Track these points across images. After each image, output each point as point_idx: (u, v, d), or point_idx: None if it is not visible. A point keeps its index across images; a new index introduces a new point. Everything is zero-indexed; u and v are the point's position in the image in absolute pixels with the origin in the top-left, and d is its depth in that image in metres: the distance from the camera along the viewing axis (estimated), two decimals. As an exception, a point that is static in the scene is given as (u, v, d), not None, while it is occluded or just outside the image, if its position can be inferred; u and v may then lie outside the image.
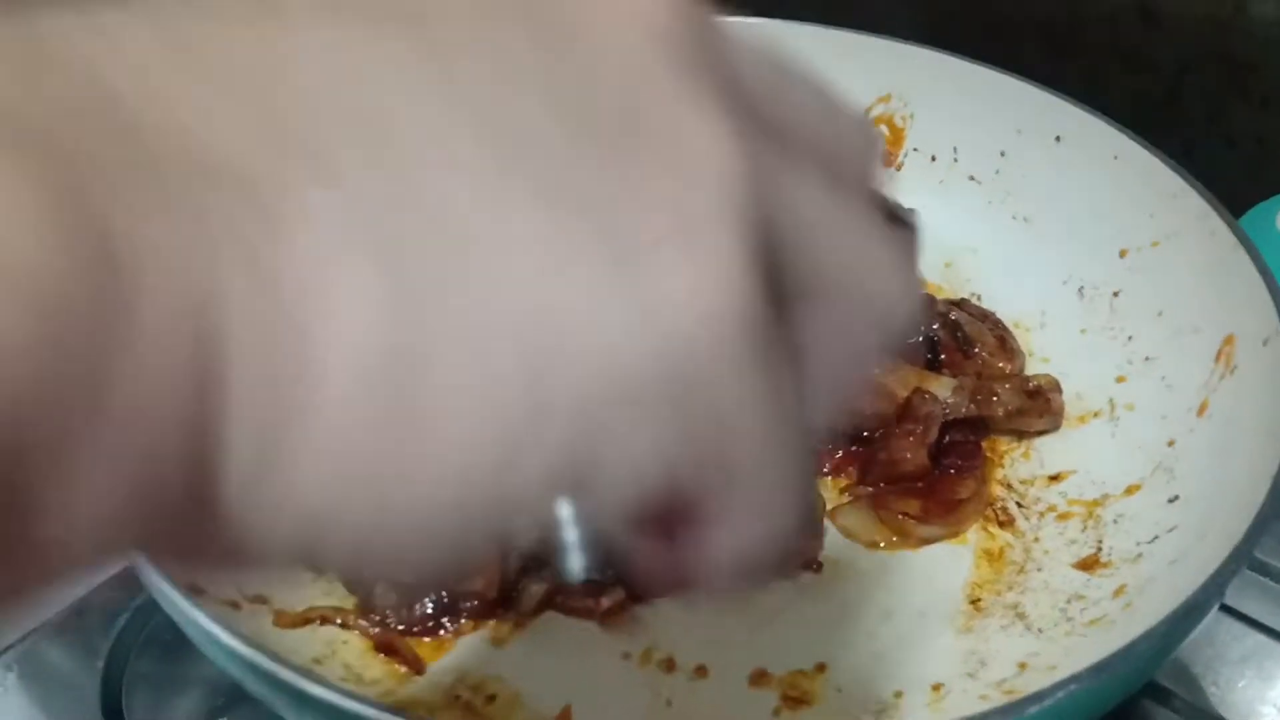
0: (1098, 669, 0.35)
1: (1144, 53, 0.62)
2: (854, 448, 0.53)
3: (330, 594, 0.49)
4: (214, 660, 0.41)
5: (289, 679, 0.36)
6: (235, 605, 0.46)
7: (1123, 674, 0.36)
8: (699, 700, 0.46)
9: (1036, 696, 0.34)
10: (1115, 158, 0.56)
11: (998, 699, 0.44)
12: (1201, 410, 0.49)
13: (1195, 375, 0.50)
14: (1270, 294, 0.47)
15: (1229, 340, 0.49)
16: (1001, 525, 0.52)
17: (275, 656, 0.36)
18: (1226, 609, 0.53)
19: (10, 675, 0.52)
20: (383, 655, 0.47)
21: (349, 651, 0.48)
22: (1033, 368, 0.58)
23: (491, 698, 0.46)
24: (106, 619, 0.54)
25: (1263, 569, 0.56)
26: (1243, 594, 0.54)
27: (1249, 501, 0.41)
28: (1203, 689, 0.51)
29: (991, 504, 0.53)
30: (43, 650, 0.53)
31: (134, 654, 0.53)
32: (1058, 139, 0.59)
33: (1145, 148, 0.55)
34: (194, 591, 0.43)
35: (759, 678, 0.46)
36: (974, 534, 0.52)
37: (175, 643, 0.53)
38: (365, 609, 0.48)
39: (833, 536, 0.52)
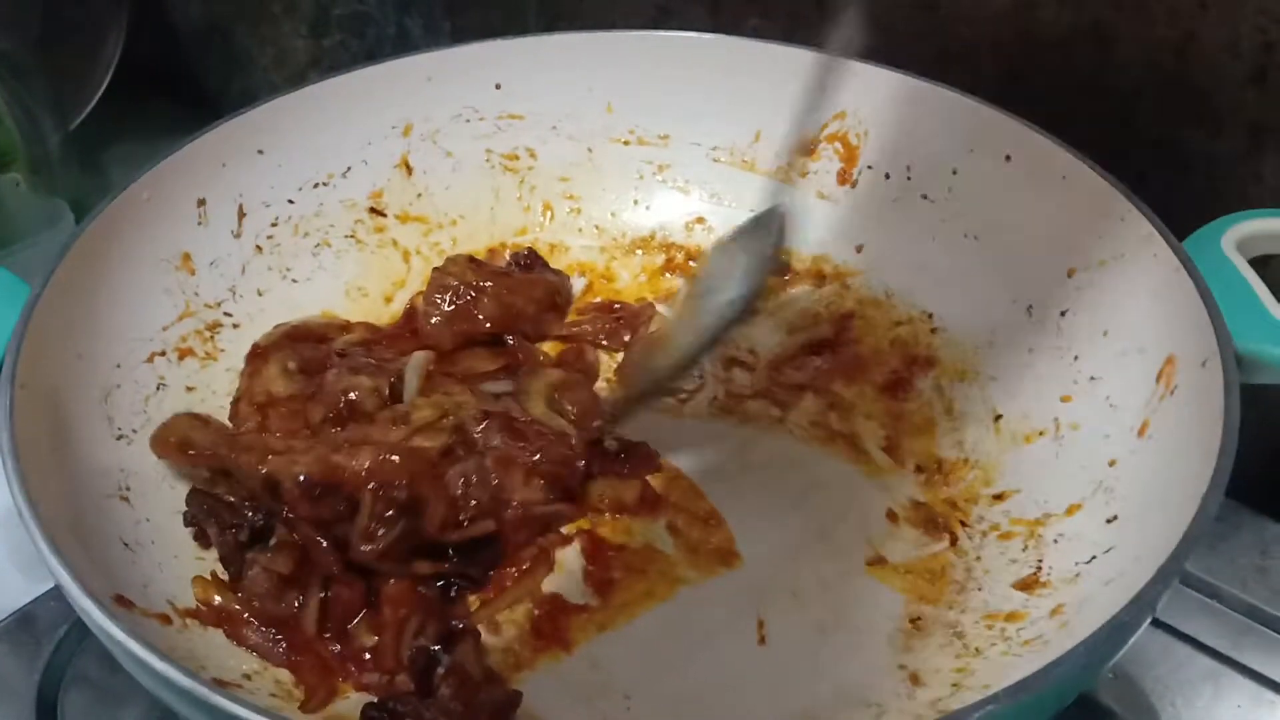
0: (1017, 688, 0.35)
1: (1098, 78, 0.62)
2: None
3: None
4: (136, 676, 0.40)
5: (203, 695, 0.36)
6: (166, 619, 0.46)
7: (1045, 693, 0.35)
8: None
9: (959, 714, 0.34)
10: (1064, 178, 0.56)
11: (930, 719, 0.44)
12: (1142, 430, 0.49)
13: (1137, 395, 0.50)
14: (1210, 316, 0.47)
15: (1170, 361, 0.49)
16: (949, 543, 0.52)
17: (190, 672, 0.36)
18: (1184, 636, 0.54)
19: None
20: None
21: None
22: (981, 386, 0.58)
23: None
24: (47, 629, 0.54)
25: (1213, 592, 0.56)
26: (1194, 618, 0.55)
27: (1181, 522, 0.41)
28: (1157, 712, 0.51)
29: (935, 522, 0.53)
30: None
31: (71, 666, 0.53)
32: (1008, 158, 0.59)
33: (1093, 169, 0.55)
34: (121, 604, 0.43)
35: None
36: (917, 553, 0.52)
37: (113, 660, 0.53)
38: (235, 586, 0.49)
39: (772, 555, 0.52)
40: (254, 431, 0.53)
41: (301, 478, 0.47)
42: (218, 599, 0.48)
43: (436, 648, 0.46)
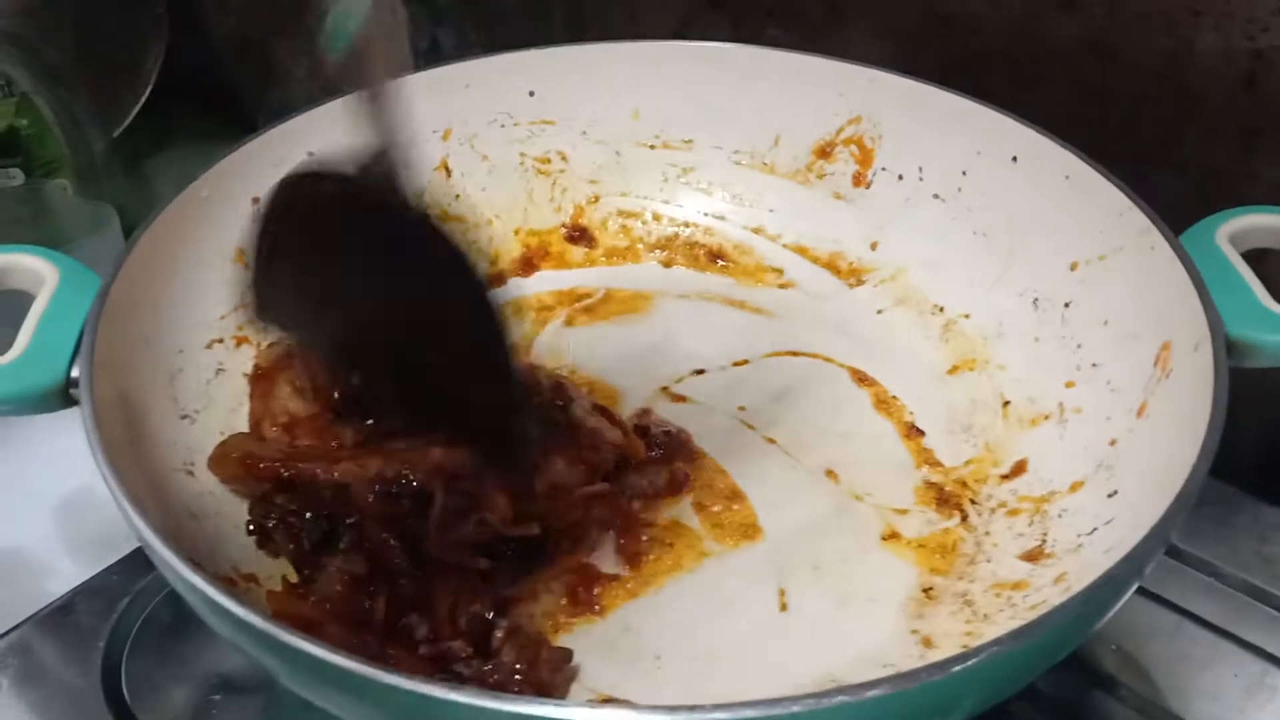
0: (1019, 633, 0.38)
1: (1100, 84, 0.65)
2: None
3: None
4: (219, 630, 0.43)
5: (294, 644, 0.38)
6: (232, 583, 0.50)
7: (1041, 640, 0.38)
8: (664, 680, 0.49)
9: (960, 657, 0.37)
10: (1067, 177, 0.59)
11: (941, 675, 0.47)
12: (1141, 411, 0.52)
13: (1136, 379, 0.53)
14: (1201, 303, 0.50)
15: (1166, 346, 0.52)
16: (960, 520, 0.55)
17: (268, 616, 0.39)
18: (1185, 612, 0.57)
19: (11, 662, 0.55)
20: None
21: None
22: (991, 375, 0.61)
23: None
24: (105, 605, 0.57)
25: (1213, 572, 0.59)
26: (1196, 597, 0.57)
27: (1173, 491, 0.44)
28: (1154, 681, 0.54)
29: (947, 500, 0.56)
30: (42, 634, 0.56)
31: (133, 638, 0.56)
32: (1014, 160, 0.62)
33: (1094, 167, 0.58)
34: (195, 566, 0.46)
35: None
36: (929, 529, 0.55)
37: (174, 627, 0.56)
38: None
39: (794, 531, 0.55)
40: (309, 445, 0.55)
41: (375, 479, 0.50)
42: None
43: (491, 614, 0.49)
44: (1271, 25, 0.58)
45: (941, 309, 0.65)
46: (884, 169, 0.68)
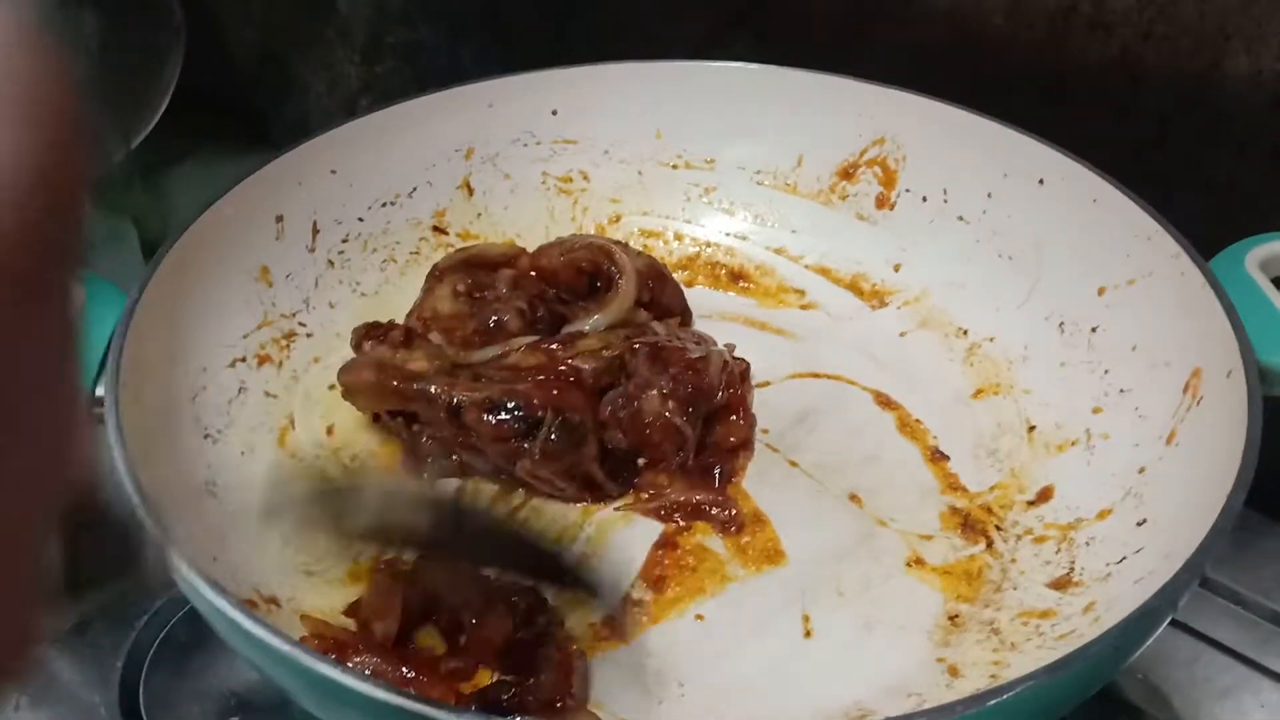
0: (1053, 668, 0.37)
1: (1127, 104, 0.65)
2: None
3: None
4: (243, 654, 0.43)
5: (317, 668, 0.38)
6: (253, 604, 0.49)
7: (1076, 674, 0.38)
8: (688, 709, 0.49)
9: (995, 691, 0.37)
10: (1094, 201, 0.59)
11: (970, 706, 0.46)
12: (1170, 439, 0.52)
13: (1166, 406, 0.53)
14: (1233, 330, 0.50)
15: (1196, 373, 0.52)
16: (985, 546, 0.55)
17: (291, 639, 0.39)
18: (1209, 640, 0.56)
19: (32, 677, 0.55)
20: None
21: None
22: (1016, 399, 0.61)
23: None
24: (125, 622, 0.57)
25: (1238, 599, 0.58)
26: (1220, 624, 0.57)
27: (1207, 522, 0.43)
28: (1177, 710, 0.54)
29: (972, 526, 0.56)
30: (64, 650, 0.56)
31: (151, 655, 0.56)
32: (1041, 182, 0.62)
33: (1122, 191, 0.58)
34: (219, 590, 0.46)
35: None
36: (955, 555, 0.55)
37: (191, 646, 0.56)
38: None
39: (818, 556, 0.55)
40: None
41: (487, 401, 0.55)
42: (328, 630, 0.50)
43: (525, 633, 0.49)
44: (1302, 49, 0.58)
45: (966, 332, 0.64)
46: (908, 190, 0.68)
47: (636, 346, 0.59)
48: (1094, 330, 0.59)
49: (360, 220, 0.66)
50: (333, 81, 1.00)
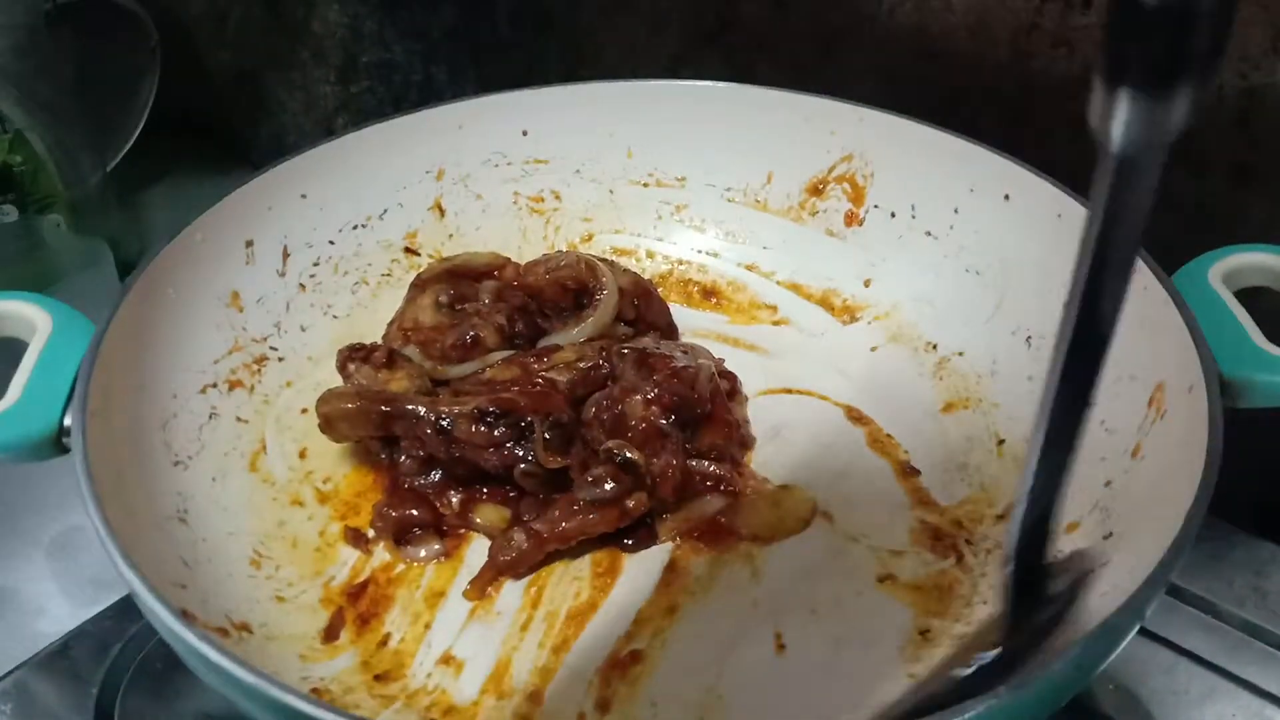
0: (1016, 684, 0.38)
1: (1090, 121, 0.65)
2: None
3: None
4: (207, 680, 0.43)
5: (284, 699, 0.38)
6: (224, 632, 0.49)
7: (1039, 691, 0.38)
8: (659, 723, 0.49)
9: (960, 709, 0.37)
10: (1059, 216, 0.60)
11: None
12: (1135, 452, 0.52)
13: (1131, 420, 0.53)
14: (1195, 344, 0.50)
15: (1160, 387, 0.52)
16: (955, 560, 0.55)
17: (264, 674, 0.39)
18: (1182, 650, 0.57)
19: (6, 705, 0.55)
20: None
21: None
22: (985, 413, 0.61)
23: None
24: (99, 648, 0.57)
25: (1211, 609, 0.59)
26: (1193, 634, 0.58)
27: (1170, 535, 0.44)
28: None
29: (943, 541, 0.56)
30: (38, 677, 0.56)
31: (127, 682, 0.56)
32: (1006, 198, 0.62)
33: (1086, 206, 0.58)
34: (186, 618, 0.46)
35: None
36: (925, 570, 0.55)
37: (167, 671, 0.56)
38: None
39: (790, 573, 0.55)
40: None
41: (476, 411, 0.56)
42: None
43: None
44: (1263, 64, 0.59)
45: (935, 346, 0.65)
46: (876, 206, 0.68)
47: (625, 352, 0.60)
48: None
49: (331, 243, 0.67)
50: (309, 102, 1.01)
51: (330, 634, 0.52)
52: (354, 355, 0.60)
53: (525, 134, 0.71)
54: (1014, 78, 0.67)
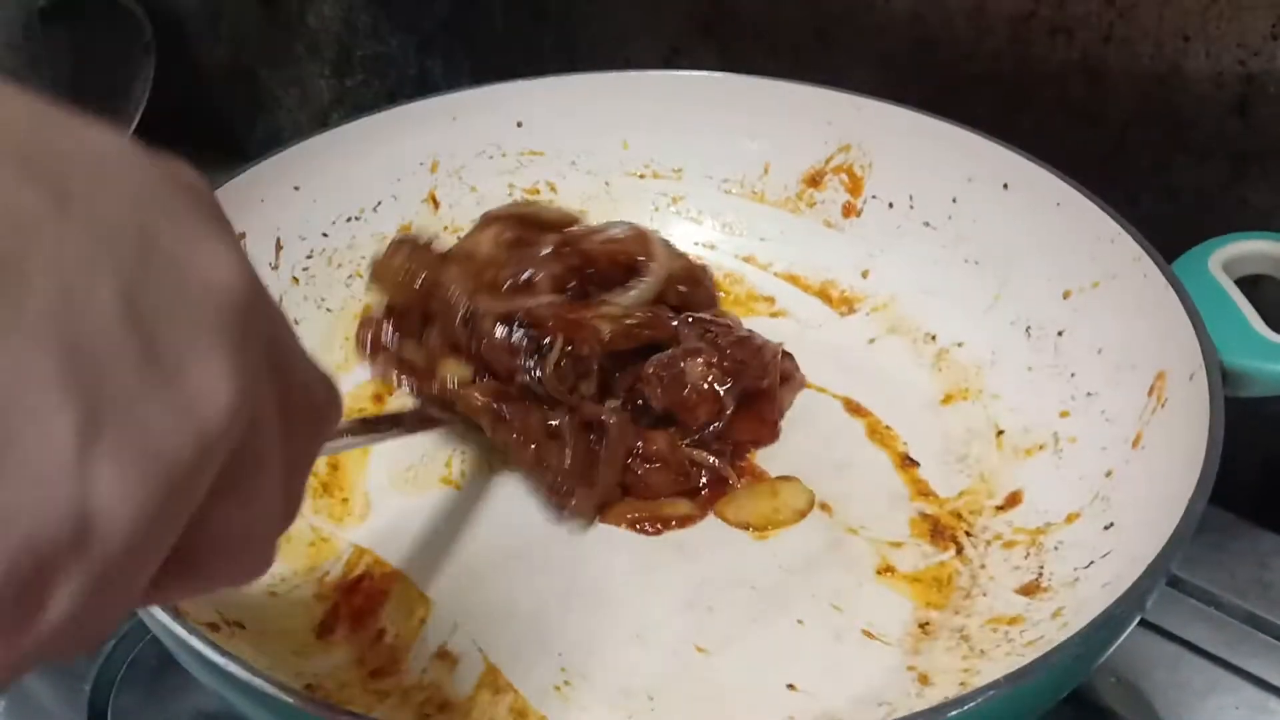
0: (1017, 676, 0.37)
1: (1090, 108, 0.65)
2: None
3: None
4: (199, 677, 0.43)
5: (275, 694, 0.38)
6: (215, 628, 0.49)
7: (1040, 682, 0.38)
8: None
9: (958, 701, 0.36)
10: (1058, 204, 0.59)
11: (939, 715, 0.46)
12: (1136, 441, 0.52)
13: (1131, 409, 0.53)
14: (1196, 332, 0.50)
15: (1161, 375, 0.52)
16: (955, 552, 0.55)
17: (254, 669, 0.39)
18: (1184, 642, 0.56)
19: (2, 701, 0.55)
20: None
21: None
22: (985, 405, 0.61)
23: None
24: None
25: (1213, 600, 0.58)
26: (1195, 625, 0.57)
27: (1171, 525, 0.43)
28: (1154, 712, 0.54)
29: (942, 532, 0.56)
30: (31, 675, 0.56)
31: (120, 679, 0.56)
32: (1006, 187, 0.62)
33: (1085, 195, 0.58)
34: (178, 613, 0.45)
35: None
36: (924, 562, 0.54)
37: (160, 668, 0.56)
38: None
39: (789, 565, 0.55)
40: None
41: (506, 312, 0.56)
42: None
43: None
44: (1263, 50, 0.58)
45: (934, 337, 0.64)
46: (874, 197, 0.68)
47: (691, 319, 0.60)
48: (1060, 334, 0.59)
49: (325, 236, 0.66)
50: (304, 95, 1.00)
51: (324, 630, 0.52)
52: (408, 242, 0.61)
53: (520, 125, 0.70)
54: (1012, 65, 0.66)
